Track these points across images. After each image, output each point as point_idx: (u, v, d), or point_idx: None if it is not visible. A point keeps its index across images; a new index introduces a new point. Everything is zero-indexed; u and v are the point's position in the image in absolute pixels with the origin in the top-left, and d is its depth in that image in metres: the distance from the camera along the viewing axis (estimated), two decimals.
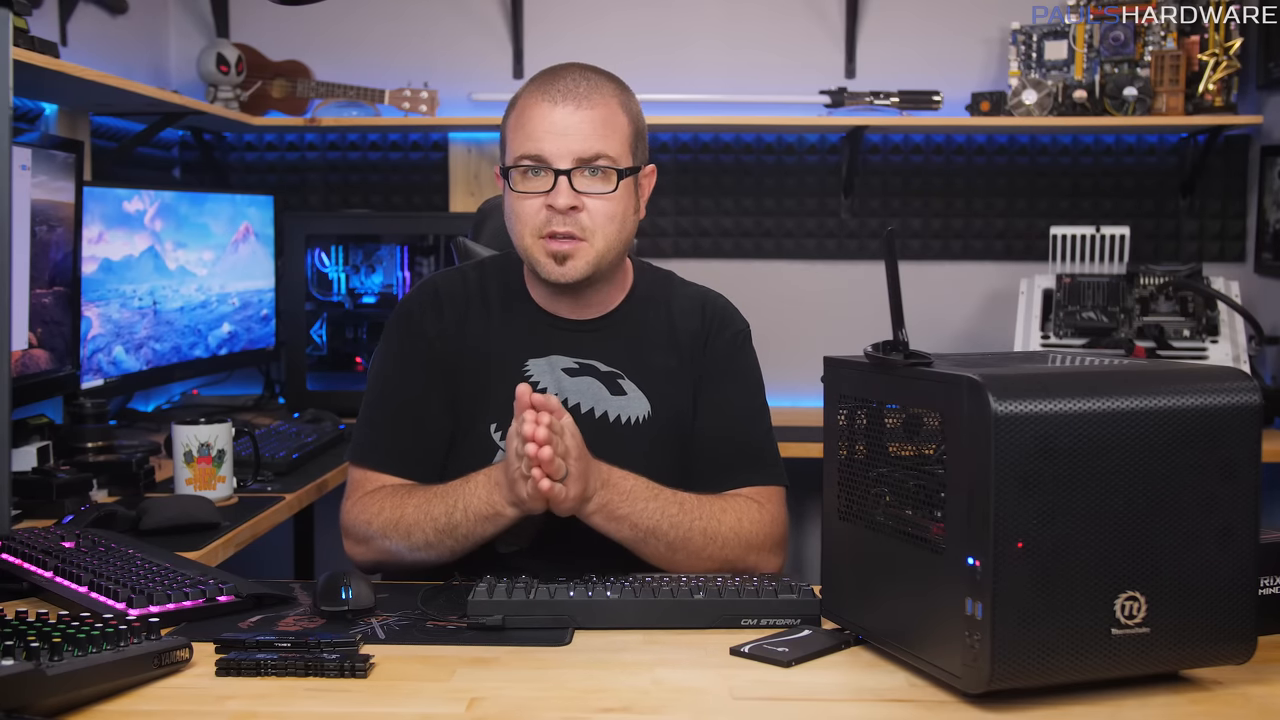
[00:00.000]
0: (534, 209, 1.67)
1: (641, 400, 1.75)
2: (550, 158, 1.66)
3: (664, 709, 1.21)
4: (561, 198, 1.65)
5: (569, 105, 1.66)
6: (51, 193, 2.36)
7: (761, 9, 3.61)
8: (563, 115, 1.66)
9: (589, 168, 1.66)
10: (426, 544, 1.63)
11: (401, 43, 3.61)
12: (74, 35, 2.94)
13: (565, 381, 1.74)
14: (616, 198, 1.68)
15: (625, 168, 1.69)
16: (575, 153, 1.65)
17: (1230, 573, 1.23)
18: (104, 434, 2.37)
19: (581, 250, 1.67)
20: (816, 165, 3.65)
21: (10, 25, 1.40)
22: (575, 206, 1.66)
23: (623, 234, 1.71)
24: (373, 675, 1.29)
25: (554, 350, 1.76)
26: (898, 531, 1.29)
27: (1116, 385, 1.21)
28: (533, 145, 1.66)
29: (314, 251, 3.41)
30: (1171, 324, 3.29)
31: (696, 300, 1.85)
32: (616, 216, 1.69)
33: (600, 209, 1.67)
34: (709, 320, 1.82)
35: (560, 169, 1.65)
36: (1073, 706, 1.20)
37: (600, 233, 1.68)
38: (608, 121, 1.68)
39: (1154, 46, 3.40)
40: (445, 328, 1.76)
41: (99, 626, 1.24)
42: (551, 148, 1.66)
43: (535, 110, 1.68)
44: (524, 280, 1.80)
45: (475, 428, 1.74)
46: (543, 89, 1.69)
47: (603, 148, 1.67)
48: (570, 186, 1.65)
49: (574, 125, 1.66)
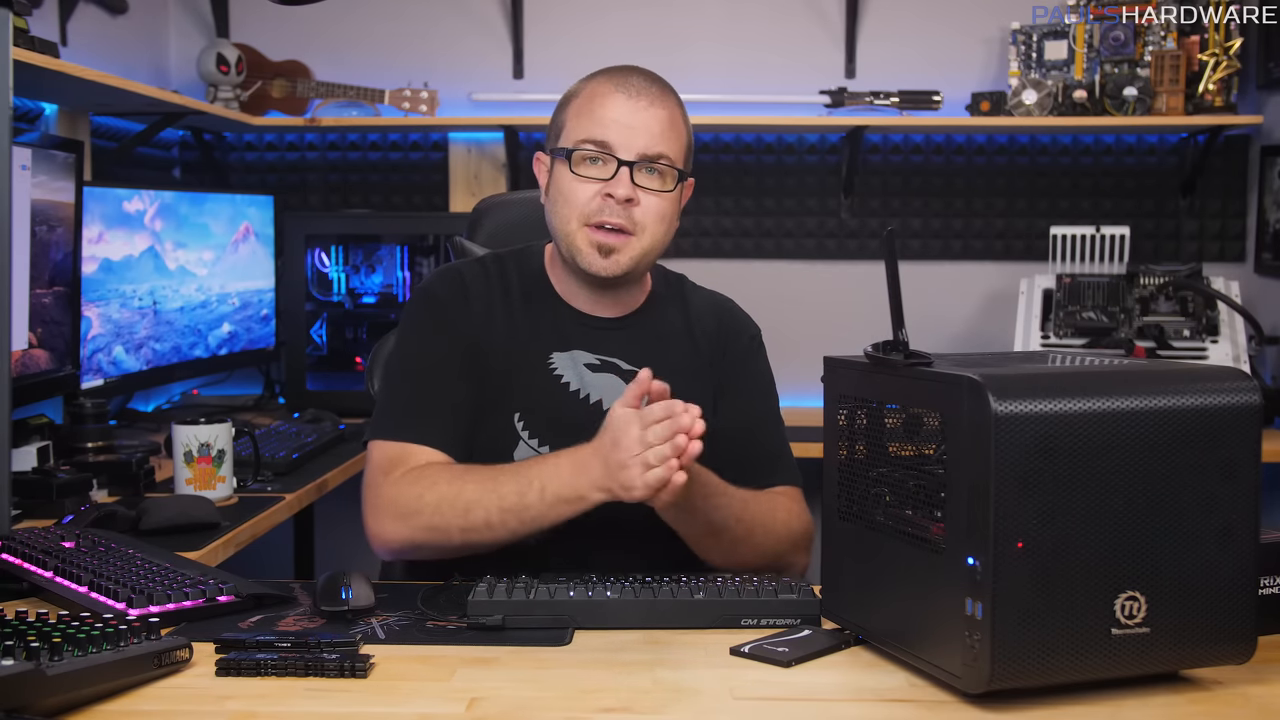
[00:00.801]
0: (589, 194, 1.67)
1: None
2: (616, 147, 1.66)
3: (664, 709, 1.21)
4: (622, 188, 1.65)
5: (643, 101, 1.68)
6: (51, 193, 2.36)
7: (761, 9, 3.61)
8: (635, 109, 1.67)
9: (650, 165, 1.67)
10: (487, 523, 1.56)
11: (401, 43, 3.61)
12: (74, 35, 2.94)
13: (588, 377, 1.74)
14: (670, 199, 1.70)
15: (681, 170, 1.71)
16: (641, 147, 1.66)
17: (1230, 573, 1.23)
18: (104, 434, 2.37)
19: (629, 245, 1.68)
20: (816, 165, 3.65)
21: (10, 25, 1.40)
22: (631, 199, 1.66)
23: (667, 236, 1.72)
24: (373, 675, 1.29)
25: (577, 345, 1.75)
26: (898, 531, 1.29)
27: (1116, 385, 1.21)
28: (600, 131, 1.67)
29: (314, 251, 3.41)
30: (1171, 324, 3.29)
31: (711, 304, 1.87)
32: (666, 217, 1.70)
33: (654, 206, 1.68)
34: (725, 324, 1.85)
35: (625, 159, 1.66)
36: (1073, 706, 1.20)
37: (649, 230, 1.68)
38: (674, 124, 1.70)
39: (1154, 46, 3.40)
40: (470, 314, 1.73)
41: (99, 626, 1.24)
42: (619, 138, 1.66)
43: (608, 99, 1.68)
44: (546, 273, 1.79)
45: (498, 418, 1.72)
46: (615, 81, 1.70)
47: (666, 148, 1.68)
48: (630, 179, 1.66)
49: (644, 121, 1.67)
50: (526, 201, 2.28)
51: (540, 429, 1.71)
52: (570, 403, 1.72)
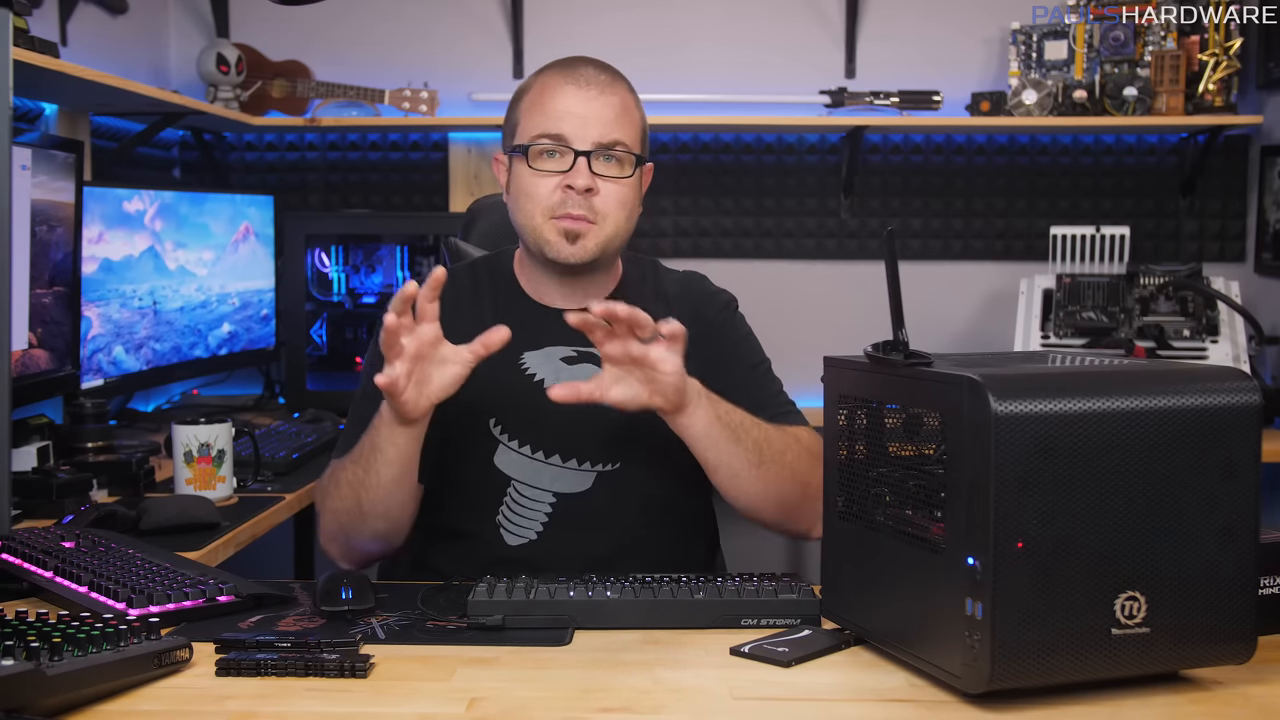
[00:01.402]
0: (549, 188, 1.68)
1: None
2: (571, 138, 1.68)
3: (664, 709, 1.21)
4: (580, 178, 1.67)
5: (593, 90, 1.69)
6: (51, 193, 2.36)
7: (761, 9, 3.61)
8: (586, 98, 1.69)
9: (606, 153, 1.69)
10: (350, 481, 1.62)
11: (401, 43, 3.61)
12: (74, 35, 2.94)
13: (565, 371, 1.74)
14: (630, 184, 1.71)
15: (639, 154, 1.72)
16: (596, 136, 1.68)
17: (1230, 573, 1.23)
18: (104, 434, 2.37)
19: (593, 232, 1.69)
20: (816, 165, 3.65)
21: (10, 25, 1.40)
22: (591, 189, 1.67)
23: (629, 222, 1.73)
24: (373, 675, 1.29)
25: (550, 341, 1.76)
26: (898, 531, 1.29)
27: (1116, 385, 1.21)
28: (554, 125, 1.68)
29: (314, 251, 3.41)
30: (1171, 324, 3.29)
31: (682, 283, 1.88)
32: (627, 203, 1.71)
33: (614, 193, 1.69)
34: (698, 301, 1.85)
35: (580, 150, 1.67)
36: (1073, 706, 1.20)
37: (611, 217, 1.70)
38: (626, 110, 1.72)
39: (1154, 46, 3.40)
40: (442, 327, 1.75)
41: (99, 626, 1.24)
42: (573, 129, 1.68)
43: (558, 91, 1.70)
44: (515, 275, 1.81)
45: (474, 423, 1.73)
46: (564, 73, 1.72)
47: (621, 134, 1.69)
48: (589, 168, 1.67)
49: (596, 110, 1.68)
50: None
51: (518, 430, 1.72)
52: (545, 400, 1.71)
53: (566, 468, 1.72)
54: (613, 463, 1.73)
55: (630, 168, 1.71)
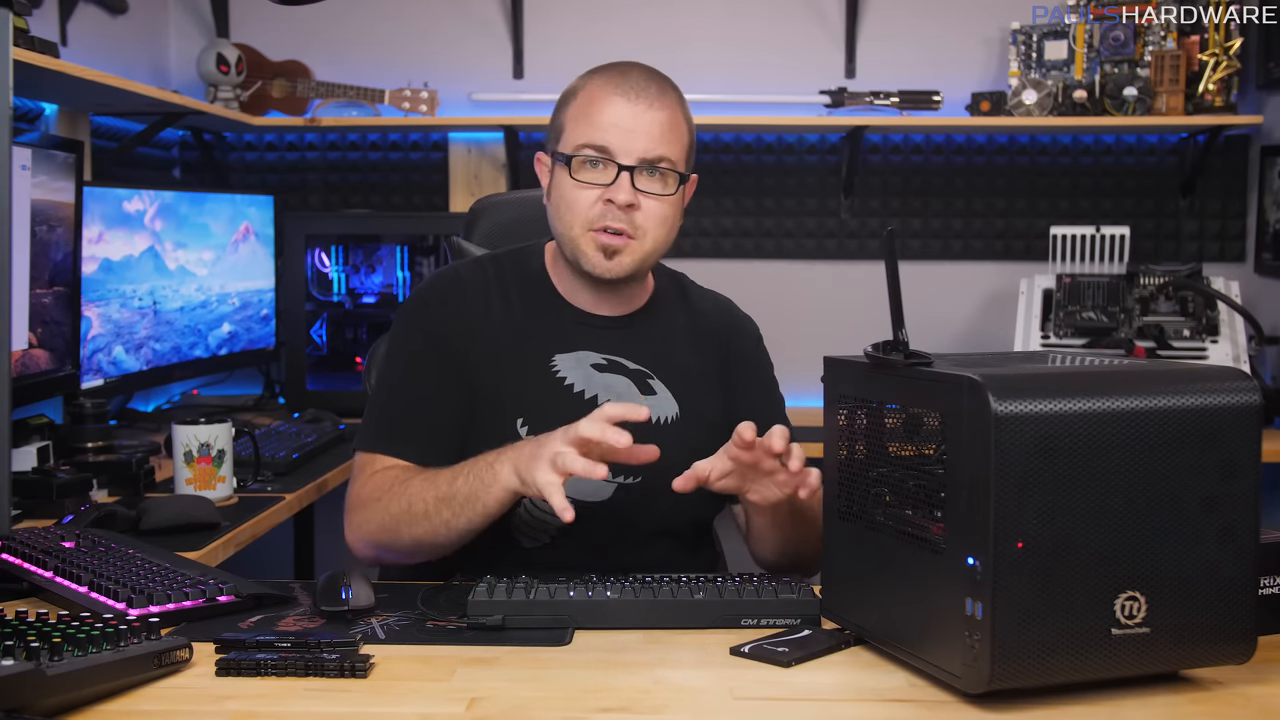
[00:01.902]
0: (590, 200, 1.66)
1: (670, 400, 1.76)
2: (616, 152, 1.65)
3: (664, 709, 1.21)
4: (622, 193, 1.64)
5: (641, 103, 1.66)
6: (51, 193, 2.36)
7: (762, 9, 3.61)
8: (634, 112, 1.66)
9: (651, 168, 1.66)
10: (425, 513, 1.57)
11: (401, 43, 3.61)
12: (74, 35, 2.94)
13: (594, 377, 1.73)
14: (672, 201, 1.69)
15: (683, 173, 1.70)
16: (641, 151, 1.65)
17: (1230, 573, 1.23)
18: (104, 434, 2.37)
19: (631, 248, 1.67)
20: (816, 165, 3.65)
21: (10, 25, 1.40)
22: (633, 204, 1.65)
23: (669, 238, 1.72)
24: (373, 675, 1.29)
25: (581, 346, 1.74)
26: (898, 531, 1.29)
27: (1116, 385, 1.21)
28: (599, 136, 1.66)
29: (314, 251, 3.41)
30: (1171, 324, 3.29)
31: (713, 303, 1.89)
32: (668, 220, 1.69)
33: (655, 210, 1.67)
34: (729, 324, 1.86)
35: (625, 164, 1.65)
36: (1073, 706, 1.20)
37: (651, 234, 1.68)
38: (675, 125, 1.69)
39: (1154, 46, 3.40)
40: (466, 319, 1.73)
41: (99, 626, 1.24)
42: (619, 142, 1.65)
43: (606, 102, 1.67)
44: (547, 273, 1.78)
45: (499, 422, 1.71)
46: (614, 82, 1.68)
47: (667, 150, 1.67)
48: (631, 183, 1.65)
49: (643, 124, 1.65)
50: (522, 201, 2.28)
51: (544, 432, 1.70)
52: (574, 404, 1.70)
53: None
54: (634, 476, 1.70)
55: (674, 185, 1.68)
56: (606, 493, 1.71)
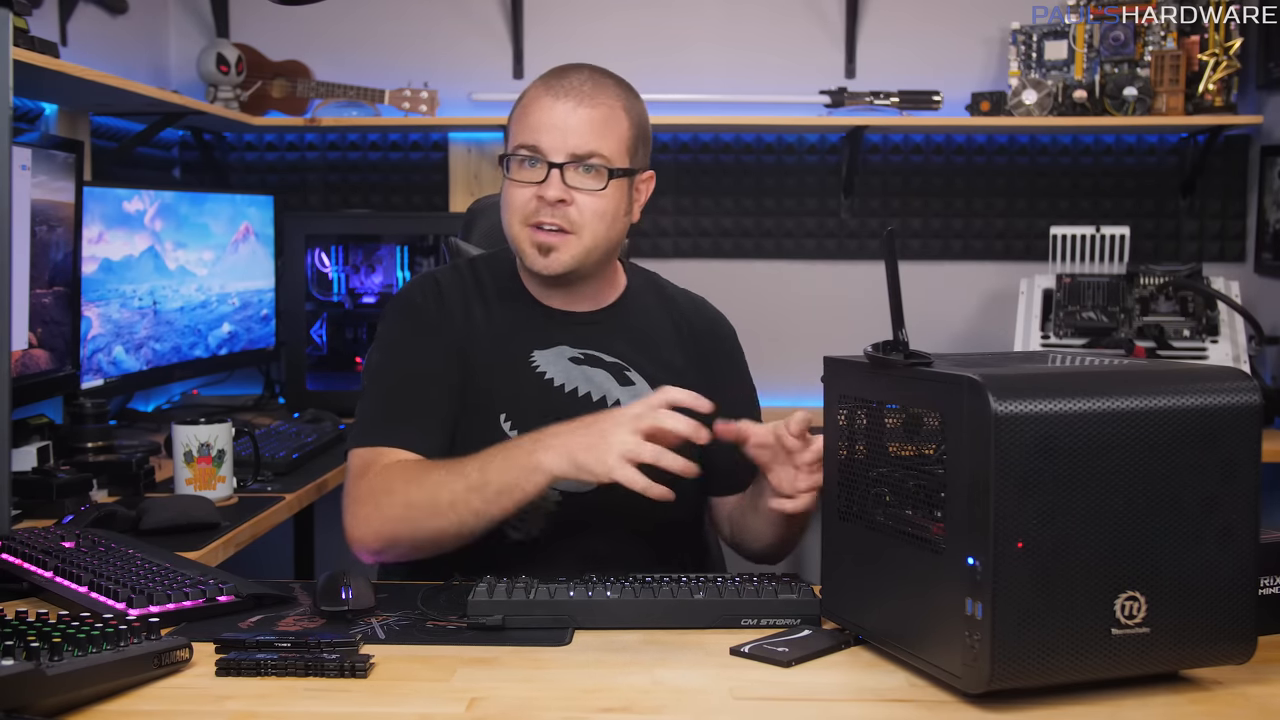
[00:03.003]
0: (525, 197, 1.70)
1: (648, 392, 1.76)
2: (545, 150, 1.68)
3: (664, 709, 1.21)
4: (551, 189, 1.67)
5: (570, 101, 1.69)
6: (51, 193, 2.36)
7: (762, 9, 3.61)
8: (563, 111, 1.69)
9: (582, 164, 1.69)
10: (451, 504, 1.55)
11: (401, 43, 3.61)
12: (74, 35, 2.94)
13: (573, 371, 1.75)
14: (606, 196, 1.70)
15: (619, 168, 1.71)
16: (570, 148, 1.68)
17: (1230, 573, 1.23)
18: (104, 434, 2.37)
19: (567, 243, 1.69)
20: (816, 165, 3.65)
21: (10, 25, 1.40)
22: (564, 200, 1.68)
23: (610, 233, 1.73)
24: (373, 675, 1.29)
25: (558, 342, 1.77)
26: (898, 531, 1.29)
27: (1116, 385, 1.21)
28: (530, 136, 1.70)
29: (314, 251, 3.41)
30: (1171, 324, 3.29)
31: (691, 302, 1.92)
32: (606, 214, 1.70)
33: (589, 205, 1.69)
34: (710, 323, 1.90)
35: (553, 162, 1.68)
36: (1073, 706, 1.20)
37: (588, 228, 1.70)
38: (607, 121, 1.71)
39: (1154, 46, 3.40)
40: (448, 319, 1.76)
41: (99, 626, 1.24)
42: (548, 141, 1.68)
43: (538, 103, 1.71)
44: (518, 274, 1.82)
45: (483, 420, 1.73)
46: (548, 84, 1.72)
47: (597, 146, 1.69)
48: (561, 180, 1.68)
49: (573, 122, 1.69)
50: None
51: (528, 426, 1.71)
52: (556, 398, 1.74)
53: None
54: None
55: (606, 179, 1.69)
56: (592, 483, 1.71)
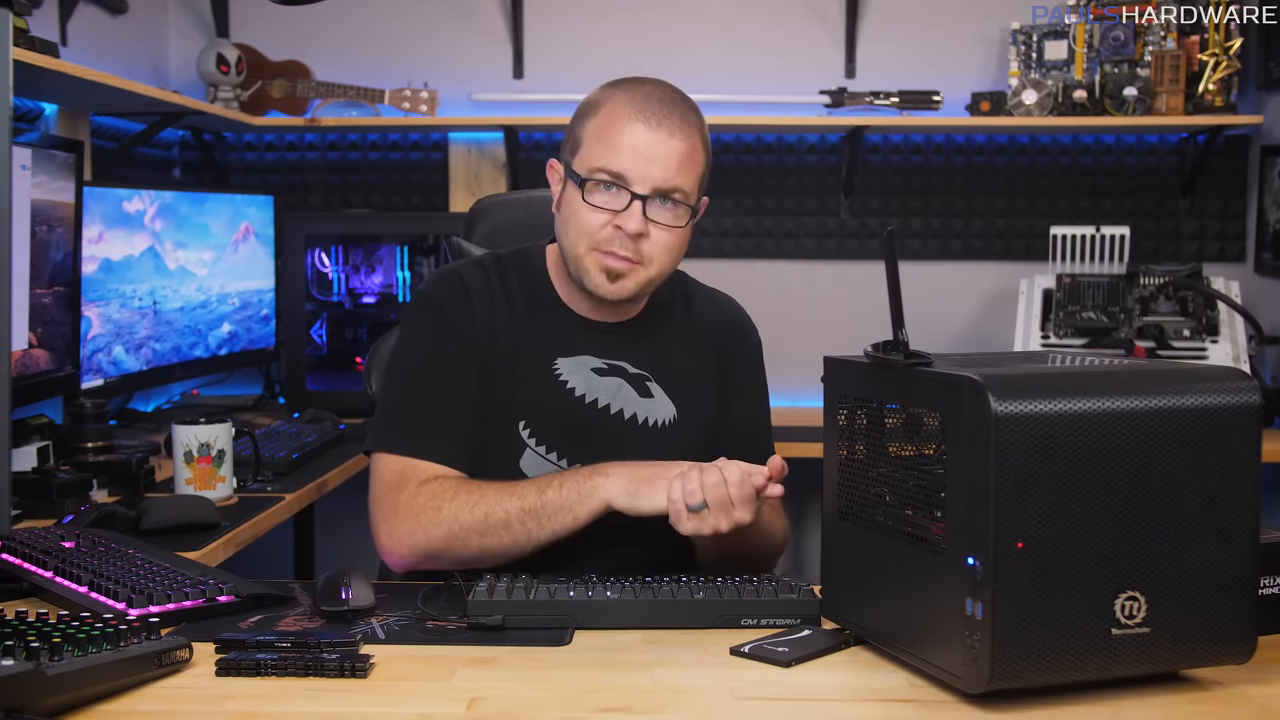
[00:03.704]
0: (599, 223, 1.64)
1: (667, 404, 1.76)
2: (631, 180, 1.63)
3: (664, 709, 1.21)
4: (633, 223, 1.62)
5: (663, 131, 1.63)
6: (51, 193, 2.36)
7: (762, 10, 3.61)
8: (654, 141, 1.63)
9: (664, 198, 1.64)
10: (505, 524, 1.56)
11: (401, 43, 3.61)
12: (74, 35, 2.94)
13: (595, 381, 1.73)
14: (681, 232, 1.68)
15: (695, 205, 1.68)
16: (657, 181, 1.63)
17: (1230, 573, 1.23)
18: (104, 434, 2.37)
19: (636, 273, 1.66)
20: (816, 165, 3.65)
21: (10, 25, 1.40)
22: (643, 234, 1.64)
23: (675, 263, 1.71)
24: (373, 675, 1.29)
25: (582, 350, 1.74)
26: (898, 531, 1.29)
27: (1116, 385, 1.21)
28: (616, 162, 1.63)
29: (314, 251, 3.41)
30: (1171, 324, 3.29)
31: (716, 304, 1.88)
32: (674, 249, 1.68)
33: (663, 239, 1.65)
34: (732, 327, 1.86)
35: (638, 193, 1.63)
36: (1073, 706, 1.20)
37: (658, 261, 1.66)
38: (693, 154, 1.66)
39: (1154, 46, 3.40)
40: (474, 320, 1.72)
41: (99, 626, 1.24)
42: (635, 170, 1.62)
43: (626, 126, 1.64)
44: (548, 276, 1.78)
45: (502, 424, 1.71)
46: (637, 105, 1.64)
47: (682, 182, 1.64)
48: (643, 213, 1.63)
49: (661, 154, 1.63)
50: (523, 202, 2.28)
51: (546, 435, 1.70)
52: (576, 408, 1.71)
53: None
54: None
55: (685, 217, 1.66)
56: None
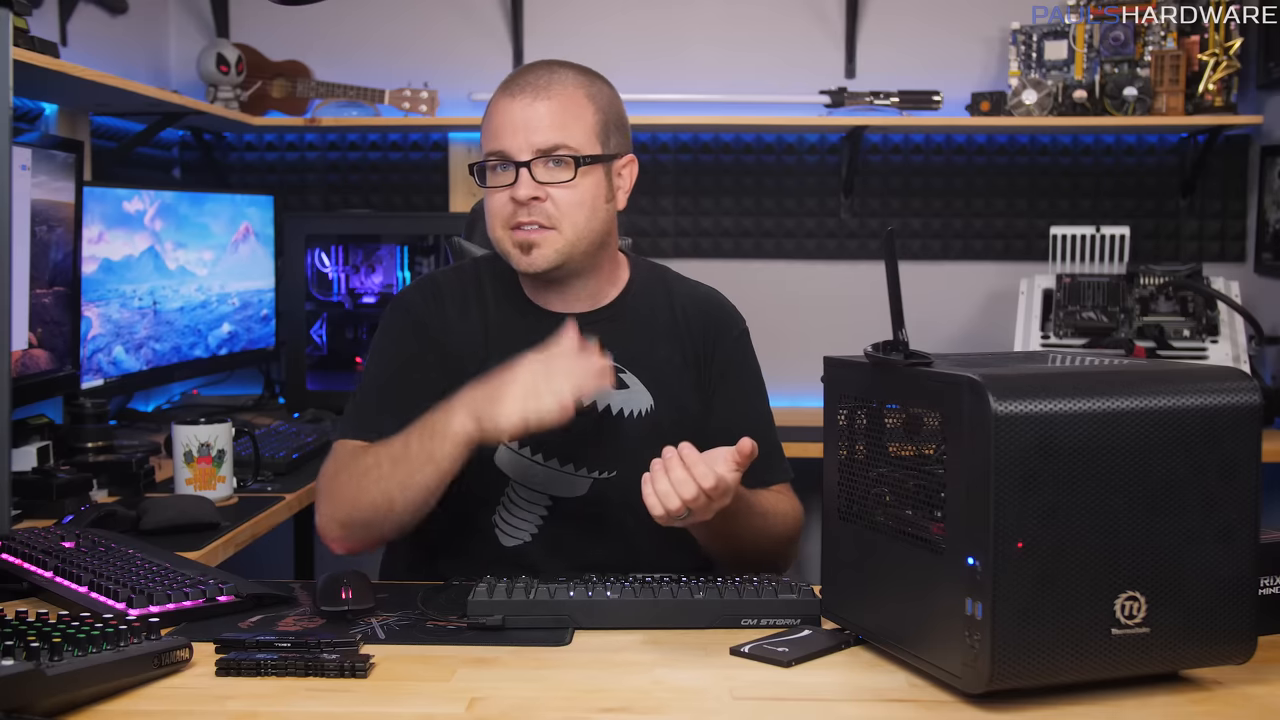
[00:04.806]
0: (501, 202, 1.68)
1: (644, 394, 1.76)
2: (511, 151, 1.67)
3: (664, 709, 1.21)
4: (522, 189, 1.65)
5: (526, 97, 1.67)
6: (51, 193, 2.36)
7: (761, 9, 3.61)
8: (521, 108, 1.67)
9: (550, 158, 1.66)
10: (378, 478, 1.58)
11: (401, 43, 3.61)
12: (74, 35, 2.94)
13: None
14: (579, 186, 1.68)
15: (588, 155, 1.68)
16: (534, 144, 1.66)
17: (1230, 573, 1.23)
18: (104, 434, 2.37)
19: (549, 239, 1.67)
20: (816, 165, 3.65)
21: (10, 25, 1.40)
22: (537, 197, 1.66)
23: (593, 223, 1.70)
24: (373, 675, 1.29)
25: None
26: (898, 531, 1.29)
27: (1116, 385, 1.21)
28: (495, 141, 1.68)
29: (314, 251, 3.41)
30: (1171, 324, 3.29)
31: (698, 296, 1.87)
32: (584, 205, 1.68)
33: (564, 197, 1.67)
34: (714, 318, 1.84)
35: (520, 161, 1.66)
36: (1073, 706, 1.20)
37: (568, 221, 1.67)
38: (567, 110, 1.68)
39: (1154, 46, 3.40)
40: (445, 322, 1.76)
41: (99, 626, 1.24)
42: (511, 141, 1.67)
43: (497, 106, 1.70)
44: (517, 277, 1.80)
45: None
46: (505, 85, 1.71)
47: (561, 138, 1.66)
48: (531, 177, 1.66)
49: (532, 117, 1.66)
50: None
51: None
52: None
53: (564, 472, 1.72)
54: (609, 470, 1.73)
55: (574, 169, 1.67)
56: (583, 488, 1.73)
